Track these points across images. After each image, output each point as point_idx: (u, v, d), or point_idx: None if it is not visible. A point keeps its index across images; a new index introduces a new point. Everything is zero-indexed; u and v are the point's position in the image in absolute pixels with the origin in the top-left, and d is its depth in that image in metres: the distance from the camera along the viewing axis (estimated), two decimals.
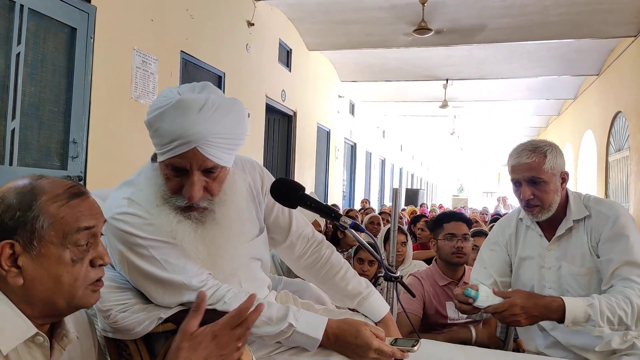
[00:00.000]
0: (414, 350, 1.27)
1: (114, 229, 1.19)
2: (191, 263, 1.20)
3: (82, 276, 0.91)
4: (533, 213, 1.72)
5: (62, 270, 0.88)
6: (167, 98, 1.13)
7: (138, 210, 1.19)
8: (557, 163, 1.68)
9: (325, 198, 9.25)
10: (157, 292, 1.20)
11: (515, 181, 1.74)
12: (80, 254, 0.90)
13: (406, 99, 11.90)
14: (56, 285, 0.88)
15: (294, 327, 1.18)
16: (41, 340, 0.90)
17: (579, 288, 1.67)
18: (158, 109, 1.12)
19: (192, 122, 1.09)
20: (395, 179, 17.46)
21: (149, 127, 1.16)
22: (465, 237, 2.31)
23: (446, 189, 35.18)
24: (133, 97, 3.81)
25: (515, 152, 1.74)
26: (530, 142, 1.73)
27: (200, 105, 1.10)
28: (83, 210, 0.91)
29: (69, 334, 0.97)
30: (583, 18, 6.38)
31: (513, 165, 1.73)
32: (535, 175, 1.66)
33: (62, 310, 0.92)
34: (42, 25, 3.05)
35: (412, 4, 6.07)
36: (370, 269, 2.70)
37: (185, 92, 1.16)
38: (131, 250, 1.18)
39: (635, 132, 7.27)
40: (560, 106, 12.78)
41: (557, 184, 1.68)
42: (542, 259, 1.75)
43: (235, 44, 5.58)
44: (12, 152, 2.84)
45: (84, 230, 0.90)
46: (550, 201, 1.68)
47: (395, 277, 1.42)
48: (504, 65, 8.68)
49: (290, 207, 1.34)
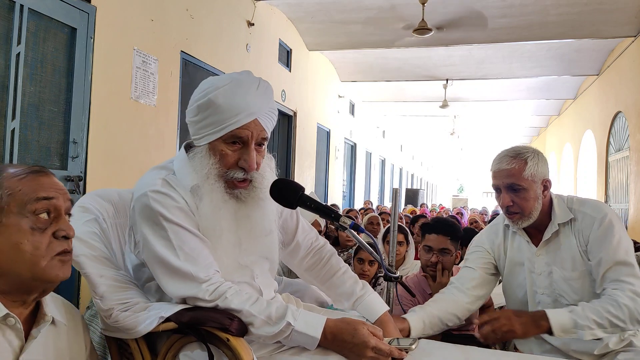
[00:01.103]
0: (412, 349, 1.28)
1: (143, 205, 1.22)
2: (203, 256, 1.22)
3: (44, 246, 0.93)
4: (513, 220, 1.71)
5: (22, 238, 0.91)
6: (222, 80, 1.26)
7: (171, 192, 1.23)
8: (538, 170, 1.66)
9: (325, 198, 9.25)
10: (164, 278, 1.21)
11: (496, 187, 1.73)
12: (40, 223, 0.94)
13: (406, 99, 11.90)
14: (17, 254, 0.91)
15: (293, 326, 1.19)
16: (13, 322, 0.92)
17: (572, 292, 1.66)
18: (218, 87, 1.23)
19: (253, 96, 1.26)
20: (395, 179, 17.45)
21: (205, 108, 1.24)
22: (444, 252, 2.22)
23: (446, 189, 35.18)
24: (133, 97, 3.82)
25: (497, 159, 1.74)
26: (512, 149, 1.73)
27: (257, 83, 1.28)
28: (42, 183, 0.96)
29: (46, 317, 0.99)
30: (583, 18, 6.38)
31: (494, 171, 1.73)
32: (515, 182, 1.65)
33: (28, 282, 0.93)
34: (42, 25, 3.05)
35: (412, 4, 6.07)
36: (370, 269, 2.70)
37: (232, 75, 1.29)
38: (152, 230, 1.21)
39: (635, 132, 7.27)
40: (560, 106, 12.78)
41: (538, 191, 1.67)
42: (532, 265, 1.74)
43: (235, 44, 5.58)
44: (12, 152, 2.84)
45: (43, 200, 0.94)
46: (530, 208, 1.67)
47: (395, 277, 1.43)
48: (504, 65, 8.68)
49: (290, 208, 1.35)
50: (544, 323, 1.50)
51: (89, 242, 1.33)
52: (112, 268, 1.32)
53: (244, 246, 1.31)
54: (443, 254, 2.23)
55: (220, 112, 1.23)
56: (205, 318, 1.17)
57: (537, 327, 1.51)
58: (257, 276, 1.36)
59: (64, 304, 1.12)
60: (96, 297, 1.24)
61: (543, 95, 11.31)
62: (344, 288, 1.50)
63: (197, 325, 1.16)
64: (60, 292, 1.13)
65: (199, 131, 1.27)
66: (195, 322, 1.17)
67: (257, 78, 1.30)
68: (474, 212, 12.05)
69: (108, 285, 1.25)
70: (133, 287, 1.30)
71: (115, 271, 1.31)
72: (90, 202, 1.44)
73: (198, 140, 1.28)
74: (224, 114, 1.22)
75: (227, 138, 1.25)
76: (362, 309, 1.47)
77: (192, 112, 1.28)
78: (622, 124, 8.10)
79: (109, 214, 1.47)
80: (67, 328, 1.07)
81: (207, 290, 1.18)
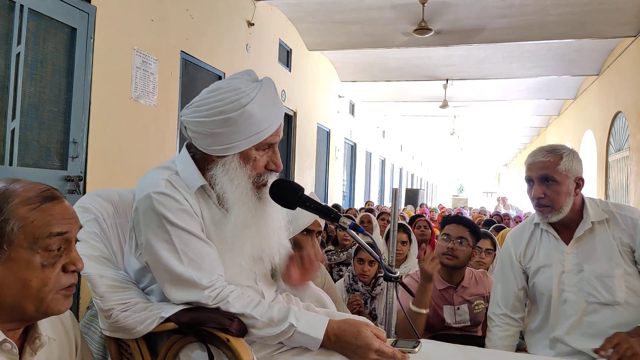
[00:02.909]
0: (415, 352, 1.28)
1: (146, 207, 1.20)
2: (207, 260, 1.22)
3: (53, 281, 0.89)
4: (543, 213, 1.72)
5: (31, 275, 0.86)
6: (251, 89, 1.24)
7: (175, 194, 1.21)
8: (572, 167, 1.69)
9: (325, 198, 9.25)
10: (166, 284, 1.21)
11: (528, 179, 1.76)
12: (51, 259, 0.89)
13: (406, 99, 11.90)
14: (24, 290, 0.86)
15: (295, 327, 1.19)
16: (9, 347, 0.88)
17: (604, 290, 1.65)
18: (251, 98, 1.21)
19: (277, 100, 1.32)
20: (395, 179, 17.45)
21: (240, 120, 1.21)
22: (461, 241, 2.26)
23: (446, 189, 35.18)
24: (133, 97, 3.81)
25: (533, 152, 1.78)
26: (550, 145, 1.77)
27: (274, 88, 1.32)
28: (55, 214, 0.89)
29: (42, 337, 0.95)
30: (583, 18, 6.37)
31: (529, 163, 1.76)
32: (549, 173, 1.68)
33: (30, 315, 0.90)
34: (42, 25, 3.04)
35: (412, 4, 6.07)
36: (370, 269, 2.70)
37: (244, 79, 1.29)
38: (155, 233, 1.19)
39: (635, 132, 7.27)
40: (560, 106, 12.77)
41: (571, 187, 1.69)
42: (561, 263, 1.73)
43: (235, 44, 5.58)
44: (12, 152, 2.84)
45: (56, 235, 0.88)
46: (561, 203, 1.68)
47: (395, 277, 1.43)
48: (503, 65, 8.68)
49: (289, 208, 1.35)
50: None
51: (89, 242, 1.33)
52: (112, 268, 1.32)
53: (254, 250, 1.31)
54: (460, 243, 2.26)
55: (256, 122, 1.23)
56: (206, 318, 1.17)
57: None
58: (259, 279, 1.37)
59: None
60: (96, 297, 1.24)
61: (543, 95, 11.31)
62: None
63: (197, 325, 1.16)
64: None
65: (227, 142, 1.23)
66: (195, 323, 1.17)
67: (271, 81, 1.32)
68: (474, 212, 12.02)
69: (108, 285, 1.25)
70: (133, 287, 1.30)
71: (115, 271, 1.31)
72: (91, 202, 1.44)
73: (223, 150, 1.25)
74: (260, 123, 1.24)
75: (261, 145, 1.27)
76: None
77: (215, 123, 1.22)
78: (622, 124, 8.10)
79: (109, 214, 1.46)
80: (59, 339, 1.04)
81: (210, 296, 1.18)
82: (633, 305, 1.64)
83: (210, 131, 1.23)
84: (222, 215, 1.27)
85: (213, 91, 1.26)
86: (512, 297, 1.86)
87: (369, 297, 2.71)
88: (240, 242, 1.26)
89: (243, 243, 1.27)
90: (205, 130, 1.24)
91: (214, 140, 1.24)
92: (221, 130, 1.22)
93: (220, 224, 1.26)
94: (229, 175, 1.25)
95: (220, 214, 1.27)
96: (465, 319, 2.30)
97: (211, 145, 1.25)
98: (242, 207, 1.25)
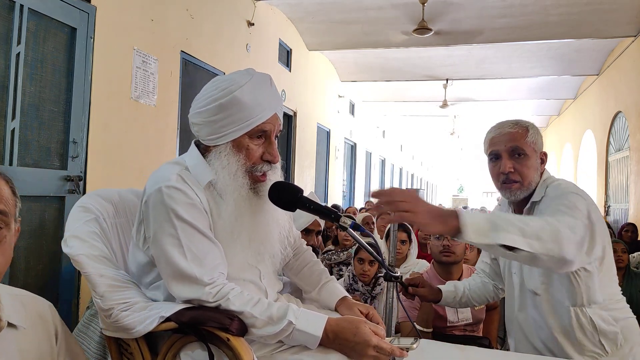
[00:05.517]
0: (413, 349, 1.28)
1: (156, 200, 1.22)
2: (210, 257, 1.22)
3: None
4: (511, 190, 1.59)
5: None
6: (241, 77, 1.28)
7: (186, 188, 1.23)
8: (537, 140, 1.61)
9: (326, 198, 9.25)
10: (169, 278, 1.22)
11: (494, 154, 1.63)
12: None
13: (406, 99, 11.90)
14: None
15: (294, 324, 1.19)
16: None
17: (537, 274, 1.60)
18: (241, 85, 1.26)
19: (271, 91, 1.33)
20: (396, 179, 17.45)
21: (230, 106, 1.25)
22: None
23: (446, 189, 35.17)
24: (133, 97, 3.81)
25: (496, 125, 1.67)
26: (511, 119, 1.66)
27: (269, 79, 1.35)
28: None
29: (1, 323, 0.95)
30: (583, 18, 6.37)
31: (494, 136, 1.63)
32: (518, 145, 1.57)
33: None
34: (42, 25, 3.04)
35: (412, 4, 6.07)
36: (370, 269, 2.70)
37: (241, 73, 1.33)
38: (163, 226, 1.21)
39: (635, 132, 7.27)
40: (560, 106, 12.78)
41: (538, 162, 1.61)
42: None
43: (235, 44, 5.58)
44: (12, 152, 2.84)
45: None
46: (530, 178, 1.58)
47: (395, 277, 1.43)
48: (503, 65, 8.68)
49: (289, 210, 1.35)
50: (452, 221, 1.24)
51: (89, 241, 1.33)
52: (112, 268, 1.32)
53: (254, 244, 1.33)
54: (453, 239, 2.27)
55: (247, 109, 1.26)
56: (206, 318, 1.17)
57: (444, 223, 1.24)
58: (263, 276, 1.37)
59: (26, 302, 1.06)
60: (96, 296, 1.24)
61: (543, 95, 11.31)
62: (313, 277, 1.55)
63: (198, 325, 1.16)
64: (60, 292, 1.13)
65: (221, 129, 1.27)
66: (195, 322, 1.17)
67: (267, 75, 1.36)
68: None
69: (108, 285, 1.25)
70: (133, 287, 1.30)
71: (115, 271, 1.31)
72: (91, 202, 1.44)
73: (217, 139, 1.29)
74: (250, 110, 1.26)
75: (253, 133, 1.28)
76: (325, 292, 1.51)
77: (209, 111, 1.27)
78: (622, 124, 8.10)
79: (109, 214, 1.47)
80: (33, 328, 1.03)
81: (210, 293, 1.19)
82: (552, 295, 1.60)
83: (206, 120, 1.29)
84: (238, 209, 1.29)
85: (211, 84, 1.32)
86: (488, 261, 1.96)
87: (369, 297, 2.71)
88: (238, 230, 1.28)
89: (240, 232, 1.28)
90: (203, 120, 1.30)
91: (210, 129, 1.29)
92: (214, 118, 1.27)
93: (234, 218, 1.28)
94: (221, 162, 1.28)
95: (225, 206, 1.29)
96: (467, 316, 2.31)
97: (208, 135, 1.30)
98: (234, 194, 1.27)
